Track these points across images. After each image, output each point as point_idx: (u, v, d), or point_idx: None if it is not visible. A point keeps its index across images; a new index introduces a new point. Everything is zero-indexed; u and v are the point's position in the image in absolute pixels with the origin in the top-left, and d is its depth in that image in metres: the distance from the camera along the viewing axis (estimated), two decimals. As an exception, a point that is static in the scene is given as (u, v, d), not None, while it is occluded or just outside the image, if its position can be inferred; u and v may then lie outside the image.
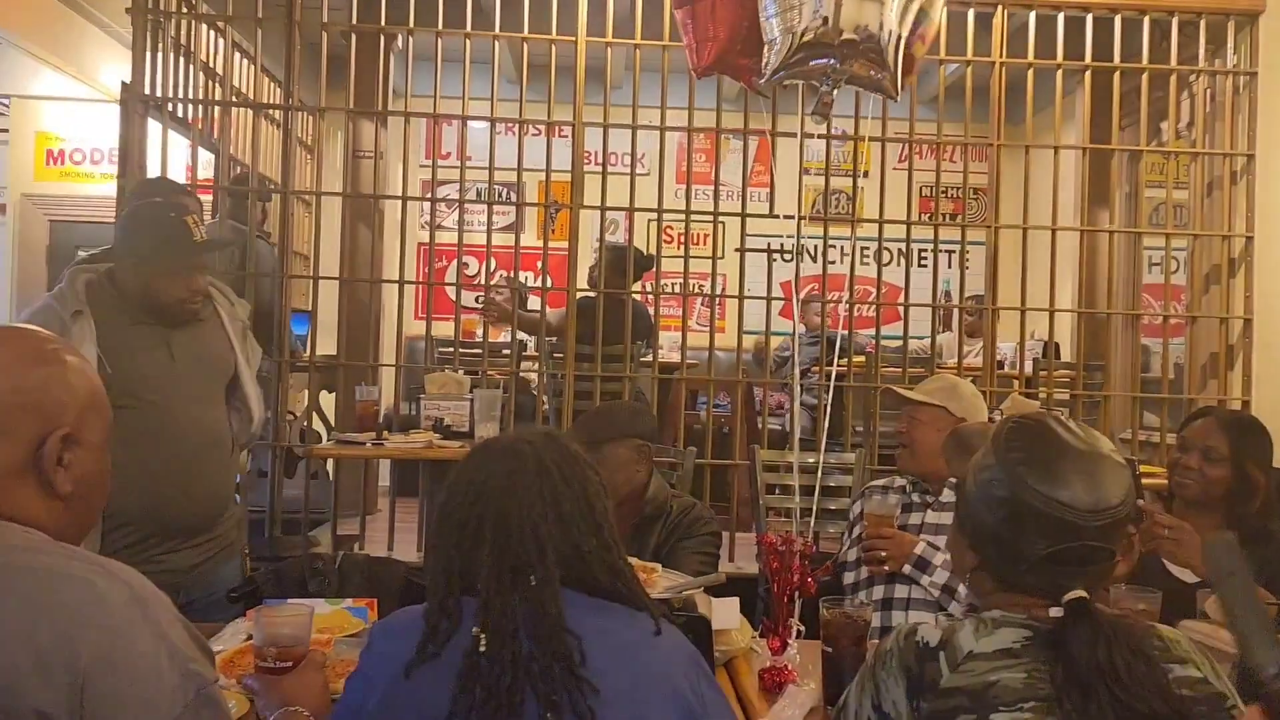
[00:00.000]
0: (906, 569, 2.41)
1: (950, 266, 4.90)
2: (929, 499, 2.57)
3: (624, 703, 1.25)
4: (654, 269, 4.45)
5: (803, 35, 2.03)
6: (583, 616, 1.28)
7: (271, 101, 4.91)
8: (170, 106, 4.17)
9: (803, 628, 1.97)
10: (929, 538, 2.47)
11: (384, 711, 1.25)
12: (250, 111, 4.27)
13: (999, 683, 1.26)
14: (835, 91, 2.19)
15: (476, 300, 4.59)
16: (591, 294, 4.36)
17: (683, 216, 4.37)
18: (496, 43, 4.27)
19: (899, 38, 2.16)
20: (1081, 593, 1.31)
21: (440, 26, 4.24)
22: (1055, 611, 1.31)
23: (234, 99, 4.41)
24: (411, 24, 4.23)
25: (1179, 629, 1.96)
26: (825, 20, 1.99)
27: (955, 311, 4.46)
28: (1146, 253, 4.84)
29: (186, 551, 2.44)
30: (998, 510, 1.34)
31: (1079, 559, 1.32)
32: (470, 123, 4.31)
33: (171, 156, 4.15)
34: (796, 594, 1.94)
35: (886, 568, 2.41)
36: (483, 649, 1.22)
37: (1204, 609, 2.04)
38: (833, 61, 2.09)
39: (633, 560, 2.14)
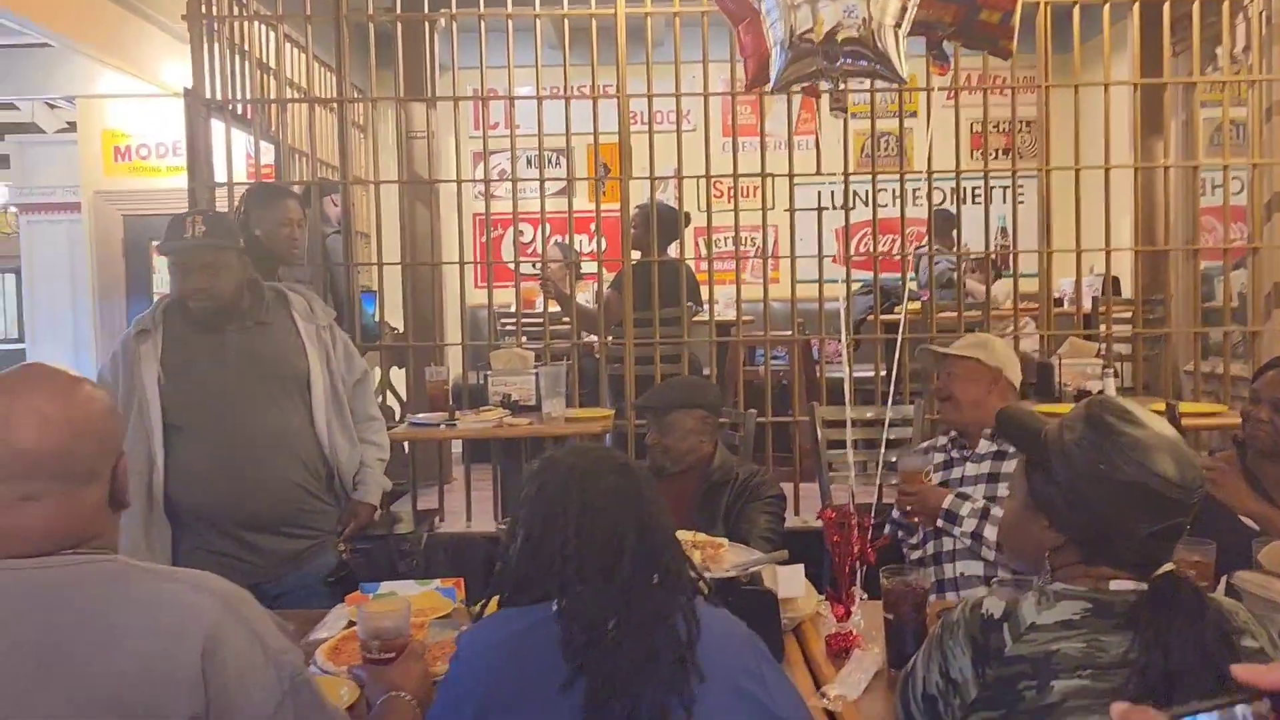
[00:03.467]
0: (940, 523, 2.52)
1: (1005, 202, 4.86)
2: (966, 453, 2.69)
3: (715, 686, 1.37)
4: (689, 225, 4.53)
5: (834, 32, 2.06)
6: None
7: (324, 86, 5.05)
8: (230, 106, 4.32)
9: (864, 595, 2.07)
10: (969, 489, 2.59)
11: (482, 718, 1.36)
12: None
13: (1059, 652, 1.34)
14: (844, 86, 2.23)
15: (534, 266, 4.70)
16: (645, 260, 4.44)
17: (731, 178, 4.41)
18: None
19: (892, 28, 2.18)
20: (1171, 567, 1.40)
21: (481, 9, 4.30)
22: (1117, 584, 1.39)
23: (290, 93, 4.55)
24: (454, 9, 4.31)
25: (1235, 580, 2.02)
26: (864, 21, 2.03)
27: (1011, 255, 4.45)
28: (1206, 174, 4.76)
29: (279, 539, 2.56)
30: (1112, 492, 1.37)
31: (1176, 534, 1.41)
32: (517, 90, 4.39)
33: (235, 153, 4.31)
34: (858, 564, 2.04)
35: (917, 520, 2.55)
36: (607, 641, 1.34)
37: (1258, 559, 2.09)
38: (823, 61, 2.12)
39: (700, 535, 2.28)
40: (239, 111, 4.42)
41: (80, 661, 1.13)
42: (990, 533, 2.43)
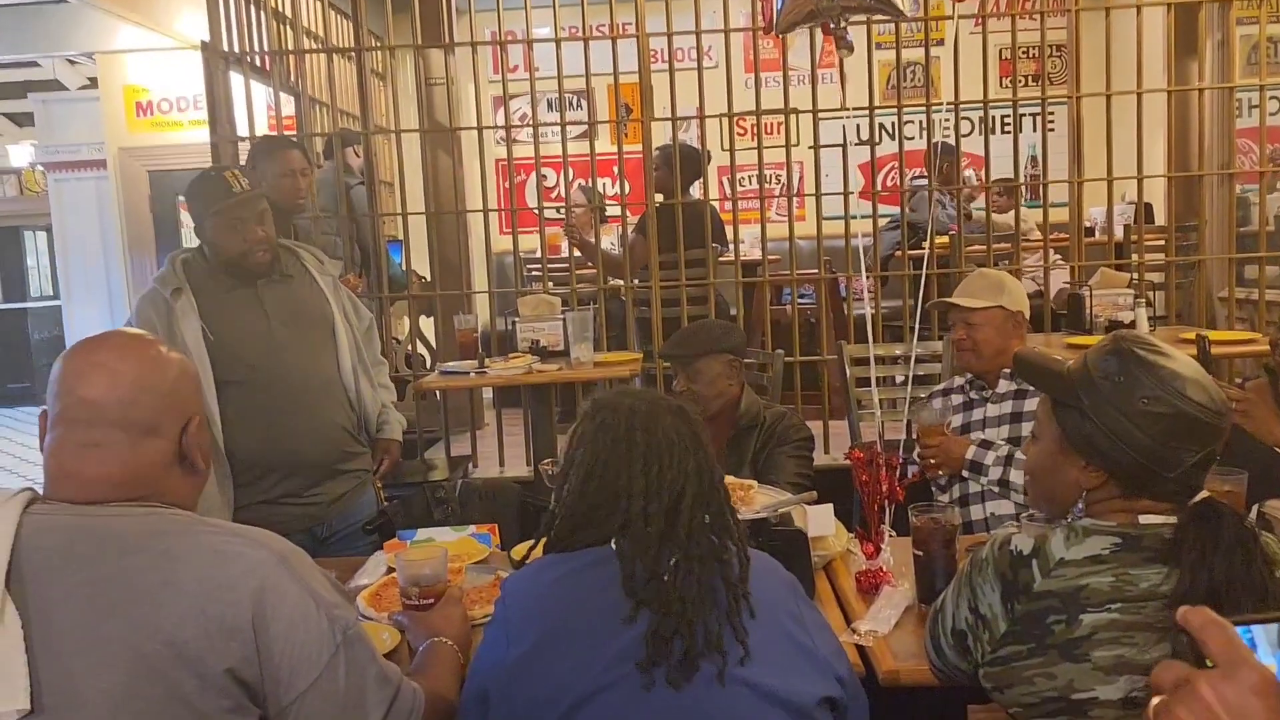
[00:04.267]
0: (965, 473, 2.53)
1: (1035, 130, 4.77)
2: (985, 394, 2.69)
3: (762, 622, 1.40)
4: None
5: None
6: None
7: (341, 35, 5.01)
8: (248, 58, 4.31)
9: (893, 532, 2.09)
10: (991, 430, 2.60)
11: (536, 654, 1.38)
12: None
13: (1088, 586, 1.36)
14: (845, 23, 2.21)
15: (558, 211, 4.69)
16: (669, 202, 4.42)
17: (754, 115, 4.36)
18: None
19: None
20: (1207, 494, 1.41)
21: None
22: (1146, 519, 1.39)
23: (308, 42, 4.52)
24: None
25: (1266, 509, 2.02)
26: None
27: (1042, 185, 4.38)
28: (1242, 95, 4.63)
29: (331, 483, 2.65)
30: (1155, 426, 1.37)
31: (1211, 461, 1.41)
32: (535, 31, 4.35)
33: (255, 105, 4.30)
34: (887, 502, 2.05)
35: (941, 472, 2.55)
36: (666, 577, 1.37)
37: (1290, 488, 2.08)
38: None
39: (730, 478, 2.30)
40: (257, 63, 4.41)
41: (141, 602, 1.19)
42: (1017, 477, 2.43)
